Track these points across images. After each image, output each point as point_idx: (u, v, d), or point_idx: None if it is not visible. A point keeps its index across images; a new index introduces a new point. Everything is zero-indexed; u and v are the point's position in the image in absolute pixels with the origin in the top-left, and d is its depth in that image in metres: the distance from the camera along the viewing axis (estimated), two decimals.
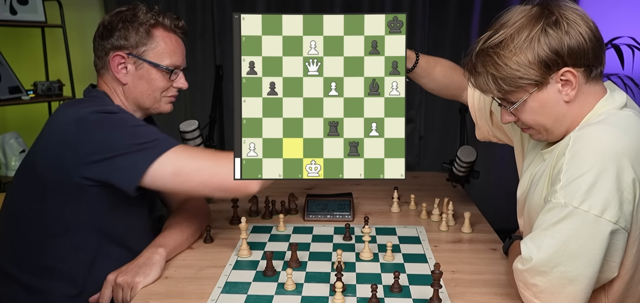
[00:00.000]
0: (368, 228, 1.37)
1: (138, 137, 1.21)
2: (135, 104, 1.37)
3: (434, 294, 1.08)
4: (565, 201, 0.97)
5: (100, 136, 1.20)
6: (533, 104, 1.08)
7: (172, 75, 1.37)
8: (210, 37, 3.41)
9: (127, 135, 1.21)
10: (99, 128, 1.20)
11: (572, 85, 1.05)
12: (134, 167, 1.18)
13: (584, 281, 0.97)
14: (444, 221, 1.57)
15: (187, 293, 1.17)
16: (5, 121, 3.28)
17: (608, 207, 0.95)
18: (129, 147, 1.19)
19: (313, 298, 1.14)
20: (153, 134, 1.24)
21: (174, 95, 1.42)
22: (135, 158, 1.18)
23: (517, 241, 1.24)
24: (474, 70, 1.12)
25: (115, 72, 1.32)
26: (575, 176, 0.97)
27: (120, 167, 1.18)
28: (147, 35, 1.32)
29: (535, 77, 1.04)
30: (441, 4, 3.39)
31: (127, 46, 1.31)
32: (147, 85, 1.35)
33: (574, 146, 1.01)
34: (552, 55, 1.02)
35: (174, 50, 1.37)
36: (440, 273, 1.08)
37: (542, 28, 1.03)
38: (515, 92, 1.08)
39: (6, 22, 2.84)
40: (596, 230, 0.95)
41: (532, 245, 1.00)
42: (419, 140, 3.55)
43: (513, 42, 1.04)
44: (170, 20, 1.37)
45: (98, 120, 1.21)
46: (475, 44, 1.12)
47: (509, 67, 1.05)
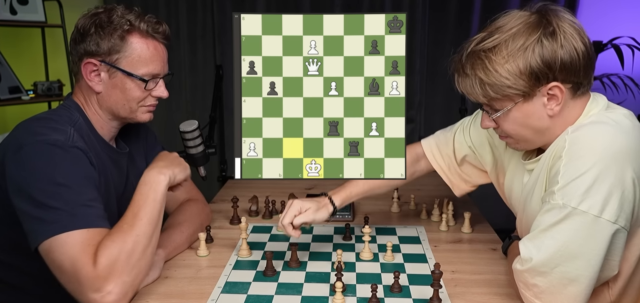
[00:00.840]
0: (368, 228, 1.37)
1: (50, 197, 1.07)
2: (110, 113, 1.28)
3: (434, 294, 1.08)
4: (564, 202, 0.97)
5: (24, 177, 1.10)
6: (517, 114, 1.07)
7: (149, 85, 1.26)
8: (210, 37, 3.41)
9: (44, 191, 1.07)
10: (27, 167, 1.10)
11: (558, 100, 1.04)
12: (31, 234, 1.07)
13: (585, 281, 0.97)
14: (444, 221, 1.57)
15: (187, 293, 1.17)
16: (5, 121, 3.27)
17: (607, 207, 0.95)
18: (38, 206, 1.07)
19: (313, 298, 1.14)
20: (63, 202, 1.07)
21: (153, 104, 1.31)
22: (36, 226, 1.07)
23: (516, 241, 1.23)
24: (462, 70, 1.10)
25: (88, 80, 1.23)
26: (573, 177, 0.97)
27: (26, 227, 1.08)
28: (121, 41, 1.21)
29: (523, 88, 1.03)
30: (441, 4, 3.40)
31: (99, 52, 1.21)
32: (121, 95, 1.25)
33: (571, 148, 1.00)
34: (544, 68, 1.01)
35: (151, 58, 1.25)
36: (440, 273, 1.08)
37: (538, 38, 1.01)
38: (500, 100, 1.07)
39: (6, 22, 2.84)
40: (596, 229, 0.95)
41: (532, 246, 1.00)
42: (419, 140, 3.55)
43: (507, 49, 1.02)
44: (148, 24, 1.25)
45: (30, 157, 1.10)
46: (467, 44, 1.10)
47: (499, 74, 1.03)
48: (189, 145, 1.69)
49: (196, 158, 1.71)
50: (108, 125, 1.31)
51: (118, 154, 1.35)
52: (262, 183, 1.96)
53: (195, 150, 1.69)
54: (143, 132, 1.51)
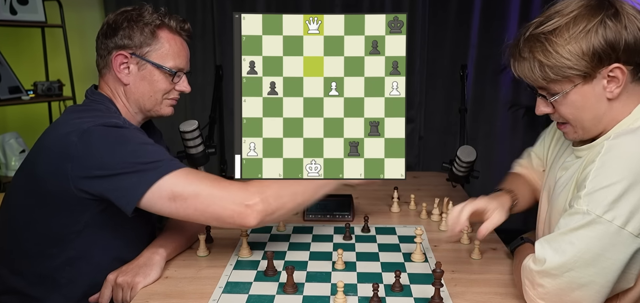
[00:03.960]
0: (420, 230, 1.34)
1: (140, 156, 1.17)
2: (136, 105, 1.35)
3: (436, 293, 1.08)
4: (588, 209, 0.95)
5: (103, 152, 1.16)
6: (575, 97, 1.06)
7: (175, 78, 1.36)
8: (210, 37, 3.42)
9: (130, 154, 1.16)
10: (103, 143, 1.17)
11: (619, 82, 1.02)
12: (132, 189, 1.14)
13: (595, 288, 0.96)
14: (444, 221, 1.57)
15: (187, 293, 1.17)
16: (5, 121, 3.28)
17: (632, 220, 0.93)
18: (130, 166, 1.15)
19: (314, 297, 1.14)
20: (156, 155, 1.19)
21: (176, 98, 1.40)
22: (135, 179, 1.14)
23: (528, 244, 1.23)
24: (519, 55, 1.08)
25: (117, 72, 1.31)
26: (602, 185, 0.95)
27: (119, 186, 1.15)
28: (152, 35, 1.31)
29: (584, 69, 1.01)
30: (441, 4, 3.39)
31: (130, 46, 1.30)
32: (149, 87, 1.33)
33: (606, 154, 0.98)
34: (607, 49, 1.00)
35: (178, 53, 1.35)
36: (441, 272, 1.08)
37: (601, 19, 1.00)
38: (559, 82, 1.05)
39: (6, 22, 2.84)
40: (617, 241, 0.94)
41: (549, 248, 0.99)
42: (419, 140, 3.55)
43: (568, 31, 1.01)
44: (176, 22, 1.36)
45: (102, 135, 1.17)
46: (523, 29, 1.09)
47: (560, 55, 1.02)
48: (189, 145, 1.69)
49: (196, 158, 1.71)
50: (134, 118, 1.37)
51: None
52: None
53: (195, 150, 1.70)
54: (152, 130, 1.54)
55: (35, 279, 1.27)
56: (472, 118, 3.42)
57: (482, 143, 3.44)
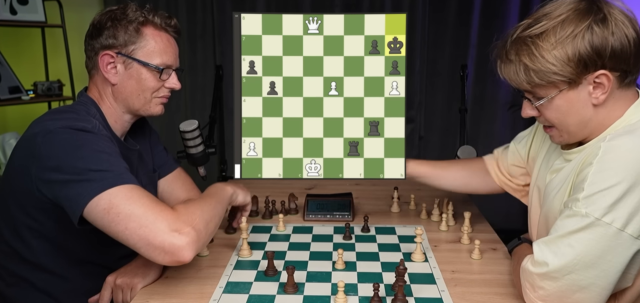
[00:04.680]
0: (420, 230, 1.34)
1: (90, 163, 1.11)
2: (124, 105, 1.33)
3: (399, 290, 1.09)
4: (587, 211, 0.95)
5: (61, 154, 1.12)
6: (560, 102, 1.05)
7: (163, 75, 1.32)
8: (210, 37, 3.41)
9: (81, 159, 1.11)
10: (62, 146, 1.13)
11: (604, 88, 1.01)
12: (77, 198, 1.08)
13: (596, 290, 0.96)
14: (444, 221, 1.57)
15: (187, 293, 1.17)
16: (5, 121, 3.28)
17: (632, 222, 0.93)
18: (78, 173, 1.09)
19: (315, 297, 1.14)
20: (107, 165, 1.12)
21: (166, 96, 1.37)
22: (80, 188, 1.08)
23: (525, 244, 1.23)
24: (506, 57, 1.07)
25: (105, 72, 1.29)
26: (601, 188, 0.94)
27: (68, 194, 1.10)
28: (137, 33, 1.28)
29: (569, 75, 1.01)
30: (441, 4, 3.40)
31: (116, 45, 1.27)
32: (136, 85, 1.30)
33: (603, 157, 0.97)
34: (593, 55, 0.99)
35: (164, 49, 1.32)
36: (404, 269, 1.09)
37: (588, 25, 0.99)
38: (544, 87, 1.05)
39: (6, 22, 2.84)
40: (617, 243, 0.93)
41: (548, 251, 0.98)
42: (419, 140, 3.55)
43: (555, 35, 1.00)
44: (160, 18, 1.33)
45: (64, 137, 1.14)
46: (511, 31, 1.08)
47: (545, 60, 1.01)
48: (189, 145, 1.69)
49: (196, 158, 1.71)
50: (121, 119, 1.35)
51: (129, 151, 1.37)
52: (262, 183, 1.96)
53: (195, 150, 1.70)
54: (147, 130, 1.53)
55: (11, 279, 1.27)
56: (472, 118, 3.42)
57: (482, 143, 3.43)
